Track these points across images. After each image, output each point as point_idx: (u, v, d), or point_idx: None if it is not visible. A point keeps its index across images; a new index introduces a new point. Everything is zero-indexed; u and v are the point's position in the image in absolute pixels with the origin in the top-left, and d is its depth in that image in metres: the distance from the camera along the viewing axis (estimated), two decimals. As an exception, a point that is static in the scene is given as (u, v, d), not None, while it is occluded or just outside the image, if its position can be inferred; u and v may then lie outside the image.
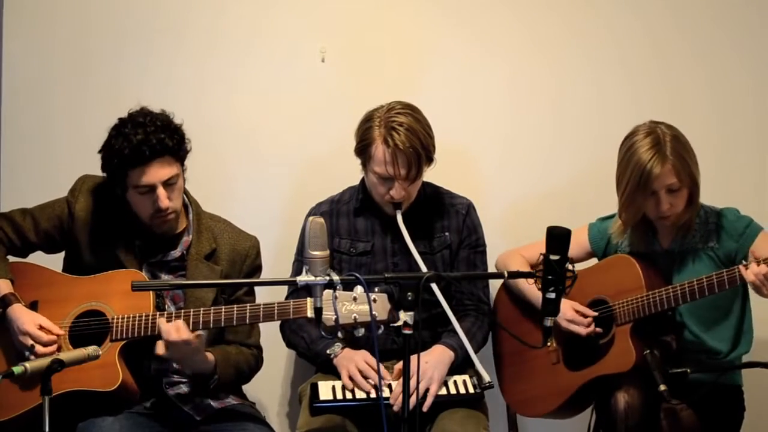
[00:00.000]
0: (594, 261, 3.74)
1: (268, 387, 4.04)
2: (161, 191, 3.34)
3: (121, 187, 3.39)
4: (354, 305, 2.92)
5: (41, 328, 3.29)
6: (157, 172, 3.33)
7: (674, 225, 3.52)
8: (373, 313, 2.90)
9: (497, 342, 3.86)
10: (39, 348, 3.25)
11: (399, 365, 3.44)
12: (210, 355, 3.35)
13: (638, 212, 3.49)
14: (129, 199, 3.40)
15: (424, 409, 3.41)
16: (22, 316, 3.30)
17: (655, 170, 3.38)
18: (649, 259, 3.57)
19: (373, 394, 3.45)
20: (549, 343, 3.61)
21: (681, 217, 3.48)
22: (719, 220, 3.51)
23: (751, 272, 3.24)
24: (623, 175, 3.46)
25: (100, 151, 3.39)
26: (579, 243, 3.67)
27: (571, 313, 3.55)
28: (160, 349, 3.25)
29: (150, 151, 3.30)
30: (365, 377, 3.47)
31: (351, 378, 3.48)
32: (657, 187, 3.41)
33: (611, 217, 3.66)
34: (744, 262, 3.35)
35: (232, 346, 3.48)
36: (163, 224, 3.43)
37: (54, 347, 3.28)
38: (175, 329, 3.21)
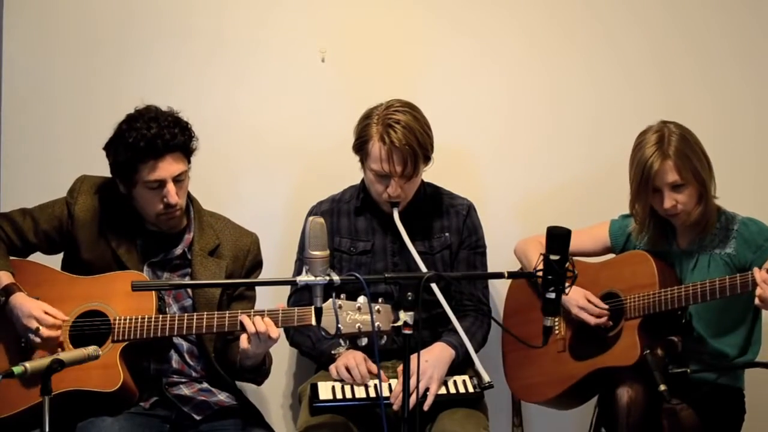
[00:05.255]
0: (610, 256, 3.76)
1: (268, 387, 4.02)
2: (171, 186, 3.36)
3: (128, 184, 3.39)
4: (358, 315, 2.94)
5: (46, 313, 3.28)
6: (169, 167, 3.35)
7: (685, 223, 3.52)
8: (377, 324, 2.93)
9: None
10: (44, 330, 3.24)
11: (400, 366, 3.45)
12: None
13: (645, 207, 3.52)
14: (135, 195, 3.40)
15: (425, 408, 3.42)
16: (27, 302, 3.30)
17: (654, 166, 3.43)
18: (666, 258, 3.58)
19: (357, 387, 3.47)
20: (556, 331, 3.62)
21: (692, 215, 3.49)
22: (741, 227, 3.51)
23: (759, 276, 3.21)
24: (631, 170, 3.52)
25: (105, 147, 3.40)
26: (599, 237, 3.74)
27: (584, 301, 3.57)
28: (244, 343, 3.25)
29: (164, 146, 3.32)
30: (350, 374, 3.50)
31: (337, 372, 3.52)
32: (659, 184, 3.45)
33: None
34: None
35: None
36: (168, 221, 3.44)
37: (58, 332, 3.28)
38: (270, 326, 3.22)
